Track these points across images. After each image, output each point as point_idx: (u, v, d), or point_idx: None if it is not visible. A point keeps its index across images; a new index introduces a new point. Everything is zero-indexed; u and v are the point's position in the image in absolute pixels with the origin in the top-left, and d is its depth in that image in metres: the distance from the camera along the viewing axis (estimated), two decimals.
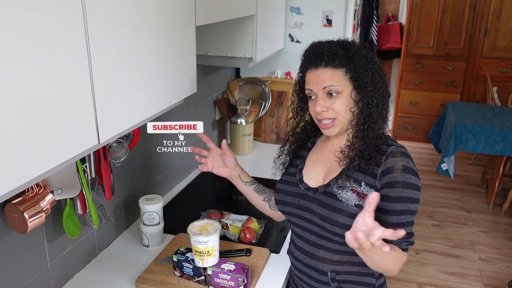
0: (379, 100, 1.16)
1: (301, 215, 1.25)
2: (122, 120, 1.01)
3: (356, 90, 1.16)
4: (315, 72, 1.17)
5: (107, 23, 0.90)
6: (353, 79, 1.15)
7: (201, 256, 1.29)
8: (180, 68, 1.25)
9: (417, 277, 2.94)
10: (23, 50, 0.71)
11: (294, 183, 1.28)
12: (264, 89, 2.55)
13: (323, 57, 1.15)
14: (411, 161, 1.15)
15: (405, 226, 1.12)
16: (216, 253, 1.31)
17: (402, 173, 1.12)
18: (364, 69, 1.15)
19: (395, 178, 1.11)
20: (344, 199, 1.15)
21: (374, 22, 4.82)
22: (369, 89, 1.15)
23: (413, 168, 1.14)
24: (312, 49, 1.20)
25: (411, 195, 1.11)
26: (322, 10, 2.48)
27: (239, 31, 1.91)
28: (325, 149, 1.28)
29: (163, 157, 1.92)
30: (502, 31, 4.65)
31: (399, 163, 1.13)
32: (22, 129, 0.72)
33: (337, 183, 1.18)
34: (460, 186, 4.19)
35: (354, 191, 1.15)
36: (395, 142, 1.20)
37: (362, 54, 1.16)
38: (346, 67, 1.15)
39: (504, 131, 3.30)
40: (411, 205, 1.12)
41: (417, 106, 5.09)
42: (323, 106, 1.16)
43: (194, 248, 1.30)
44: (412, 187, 1.12)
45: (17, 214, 1.08)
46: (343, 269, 1.21)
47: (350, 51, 1.15)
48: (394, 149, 1.15)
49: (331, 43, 1.19)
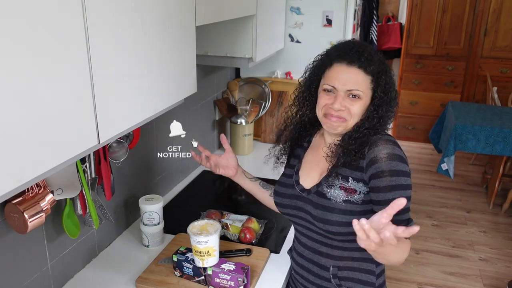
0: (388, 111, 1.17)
1: (299, 215, 1.26)
2: (122, 120, 1.01)
3: (371, 100, 1.16)
4: (347, 69, 1.14)
5: (107, 23, 0.90)
6: (374, 90, 1.15)
7: (201, 256, 1.30)
8: (180, 68, 1.25)
9: (417, 277, 2.94)
10: (22, 50, 0.71)
11: (291, 185, 1.29)
12: (264, 89, 2.55)
13: (361, 58, 1.13)
14: (397, 147, 1.13)
15: (401, 214, 1.09)
16: (216, 253, 1.31)
17: (387, 161, 1.10)
18: (385, 82, 1.15)
19: (380, 168, 1.10)
20: (332, 197, 1.16)
21: (374, 22, 4.82)
22: (383, 100, 1.15)
23: (398, 154, 1.11)
24: (351, 45, 1.16)
25: (400, 182, 1.09)
26: (322, 10, 2.48)
27: (239, 31, 1.91)
28: (320, 150, 1.27)
29: (163, 157, 1.92)
30: (502, 31, 4.66)
31: (382, 151, 1.11)
32: (22, 129, 0.72)
33: (327, 182, 1.18)
34: (460, 186, 4.19)
35: (342, 187, 1.15)
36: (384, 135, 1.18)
37: (385, 66, 1.16)
38: (374, 76, 1.14)
39: (504, 131, 3.30)
40: (402, 192, 1.09)
41: (417, 106, 5.09)
42: (342, 105, 1.14)
43: (194, 248, 1.30)
44: (400, 173, 1.09)
45: (17, 214, 1.08)
46: (345, 264, 1.22)
47: (383, 63, 1.15)
48: (375, 138, 1.14)
49: (371, 47, 1.17)
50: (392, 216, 0.90)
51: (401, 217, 1.10)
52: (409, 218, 1.13)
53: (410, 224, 1.13)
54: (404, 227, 0.89)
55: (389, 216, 0.90)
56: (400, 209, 0.94)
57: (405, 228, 0.89)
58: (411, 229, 0.88)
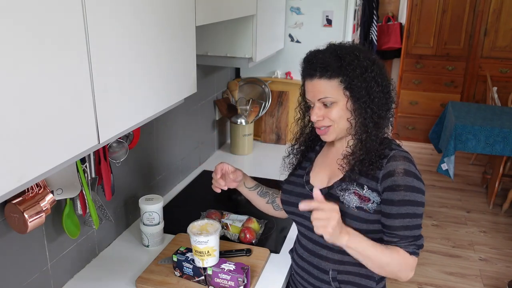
0: (373, 111, 1.15)
1: (304, 214, 1.26)
2: (122, 120, 1.01)
3: (351, 99, 1.16)
4: (311, 83, 1.18)
5: (107, 23, 0.90)
6: (348, 89, 1.15)
7: (201, 256, 1.30)
8: (180, 68, 1.25)
9: (417, 277, 2.94)
10: (22, 50, 0.71)
11: (300, 184, 1.31)
12: (264, 89, 2.55)
13: (316, 68, 1.15)
14: (413, 165, 1.15)
15: (411, 230, 1.12)
16: (216, 253, 1.31)
17: (404, 176, 1.12)
18: (358, 79, 1.13)
19: (396, 182, 1.12)
20: (346, 201, 1.16)
21: (374, 22, 4.82)
22: (363, 100, 1.14)
23: (415, 172, 1.14)
24: (307, 59, 1.20)
25: (414, 198, 1.12)
26: (322, 10, 2.48)
27: (239, 31, 1.91)
28: (330, 153, 1.30)
29: (163, 157, 1.92)
30: (502, 31, 4.65)
31: (400, 166, 1.13)
32: (22, 129, 0.72)
33: (341, 186, 1.19)
34: (460, 186, 4.19)
35: (356, 193, 1.16)
36: (399, 147, 1.20)
37: (357, 63, 1.14)
38: (340, 77, 1.15)
39: (504, 131, 3.30)
40: (415, 208, 1.12)
41: (417, 106, 5.09)
42: (318, 115, 1.19)
43: (194, 248, 1.30)
44: (415, 190, 1.12)
45: (17, 214, 1.08)
46: (344, 268, 1.22)
47: (345, 61, 1.13)
48: (396, 153, 1.16)
49: (325, 52, 1.17)
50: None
51: (412, 233, 1.13)
52: (420, 235, 1.15)
53: (419, 240, 1.15)
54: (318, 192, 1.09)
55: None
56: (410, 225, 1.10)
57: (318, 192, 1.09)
58: (315, 191, 1.10)
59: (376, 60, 1.19)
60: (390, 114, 1.22)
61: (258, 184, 1.47)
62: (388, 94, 1.19)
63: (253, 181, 1.47)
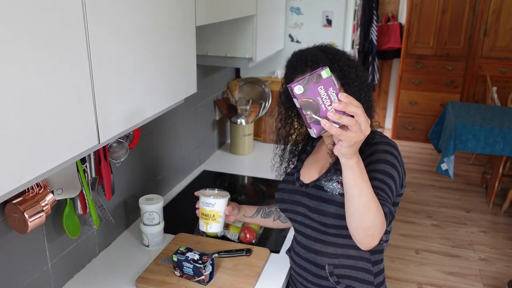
0: (366, 93, 1.20)
1: (296, 210, 1.29)
2: (122, 120, 1.01)
3: (344, 87, 1.18)
4: None
5: (107, 23, 0.90)
6: (340, 78, 1.18)
7: (206, 219, 1.34)
8: (180, 68, 1.25)
9: (417, 277, 2.94)
10: (23, 50, 0.71)
11: (291, 181, 1.34)
12: (264, 89, 2.55)
13: (307, 62, 1.19)
14: (395, 150, 1.19)
15: (386, 184, 1.13)
16: (221, 220, 1.35)
17: (382, 153, 1.17)
18: (348, 66, 1.18)
19: (375, 157, 1.16)
20: (329, 189, 1.20)
21: (374, 22, 4.82)
22: (356, 84, 1.18)
23: (394, 153, 1.17)
24: (295, 57, 1.24)
25: (387, 158, 1.15)
26: (322, 10, 2.48)
27: (239, 31, 1.91)
28: (320, 151, 1.33)
29: (163, 157, 1.92)
30: (502, 31, 4.66)
31: (381, 148, 1.18)
32: (22, 129, 0.73)
33: (326, 177, 1.23)
34: (460, 186, 4.19)
35: (340, 182, 1.19)
36: (384, 138, 1.24)
37: (341, 53, 1.21)
38: (331, 67, 1.17)
39: (504, 131, 3.30)
40: (387, 167, 1.14)
41: (417, 106, 5.09)
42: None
43: (201, 211, 1.35)
44: (389, 154, 1.16)
45: (17, 214, 1.08)
46: (340, 262, 1.24)
47: (330, 53, 1.20)
48: (379, 140, 1.20)
49: (311, 49, 1.23)
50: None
51: (386, 191, 1.13)
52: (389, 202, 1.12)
53: (389, 207, 1.12)
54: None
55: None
56: (385, 181, 1.10)
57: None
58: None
59: (356, 59, 1.26)
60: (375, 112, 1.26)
61: (259, 209, 1.49)
62: (370, 91, 1.24)
63: (253, 208, 1.49)
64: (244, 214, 1.47)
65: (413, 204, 3.85)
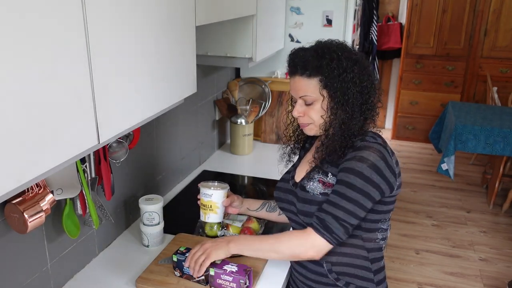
0: (346, 112, 1.17)
1: (290, 209, 1.32)
2: (122, 120, 1.01)
3: (328, 99, 1.18)
4: (293, 80, 1.23)
5: (107, 23, 0.90)
6: (325, 88, 1.18)
7: (204, 209, 1.41)
8: (180, 68, 1.25)
9: (417, 277, 2.94)
10: (23, 50, 0.71)
11: (287, 180, 1.36)
12: (264, 89, 2.55)
13: (297, 66, 1.20)
14: (375, 155, 1.14)
15: (333, 206, 1.13)
16: (218, 211, 1.41)
17: (356, 161, 1.14)
18: (335, 80, 1.16)
19: (346, 165, 1.15)
20: (311, 190, 1.22)
21: (374, 22, 4.82)
22: (337, 100, 1.17)
23: (372, 161, 1.13)
24: (290, 56, 1.24)
25: (350, 180, 1.13)
26: (322, 10, 2.48)
27: (239, 31, 1.91)
28: (314, 148, 1.34)
29: (163, 157, 1.92)
30: (502, 31, 4.66)
31: (359, 154, 1.15)
32: (22, 129, 0.72)
33: (308, 176, 1.25)
34: (460, 186, 4.19)
35: (320, 181, 1.21)
36: (373, 139, 1.20)
37: (337, 63, 1.16)
38: (319, 77, 1.17)
39: (504, 131, 3.30)
40: (347, 190, 1.13)
41: (417, 106, 5.09)
42: (299, 112, 1.23)
43: (201, 201, 1.41)
44: (358, 174, 1.12)
45: (17, 214, 1.08)
46: (337, 259, 1.24)
47: (324, 59, 1.16)
48: (363, 144, 1.18)
49: (308, 51, 1.21)
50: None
51: (330, 210, 1.14)
52: (341, 222, 1.13)
53: (336, 225, 1.13)
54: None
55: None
56: (333, 201, 1.13)
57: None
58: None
59: (359, 60, 1.20)
60: (374, 113, 1.24)
61: (264, 203, 1.51)
62: (368, 94, 1.20)
63: (258, 201, 1.52)
64: (248, 208, 1.47)
65: (413, 204, 3.85)
